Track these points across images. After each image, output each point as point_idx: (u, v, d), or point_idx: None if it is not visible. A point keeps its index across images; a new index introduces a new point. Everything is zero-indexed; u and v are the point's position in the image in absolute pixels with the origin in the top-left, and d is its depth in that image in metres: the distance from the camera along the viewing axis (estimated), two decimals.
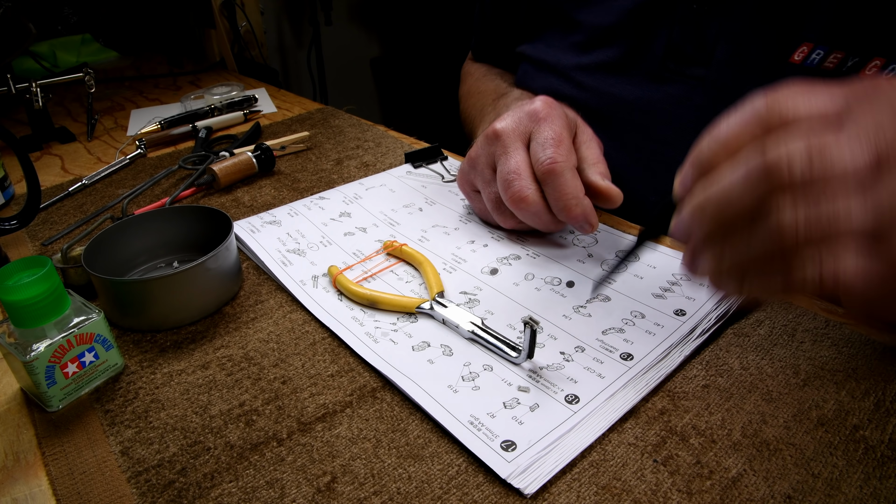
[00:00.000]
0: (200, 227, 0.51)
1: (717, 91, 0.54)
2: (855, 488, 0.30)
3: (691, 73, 0.54)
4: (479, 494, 0.31)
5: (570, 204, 0.45)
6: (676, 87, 0.56)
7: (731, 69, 0.52)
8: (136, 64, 1.28)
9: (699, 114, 0.54)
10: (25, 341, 0.36)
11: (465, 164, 0.53)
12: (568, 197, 0.45)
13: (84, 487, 0.33)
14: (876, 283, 0.26)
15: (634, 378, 0.37)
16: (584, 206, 0.46)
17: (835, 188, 0.26)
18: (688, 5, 0.53)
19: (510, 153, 0.48)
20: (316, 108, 0.93)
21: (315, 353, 0.42)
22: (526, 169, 0.47)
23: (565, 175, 0.45)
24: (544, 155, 0.46)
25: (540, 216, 0.47)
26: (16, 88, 0.82)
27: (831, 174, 0.26)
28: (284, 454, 0.34)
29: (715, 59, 0.53)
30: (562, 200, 0.45)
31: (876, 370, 0.38)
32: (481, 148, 0.50)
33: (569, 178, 0.45)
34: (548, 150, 0.46)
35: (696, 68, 0.54)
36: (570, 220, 0.46)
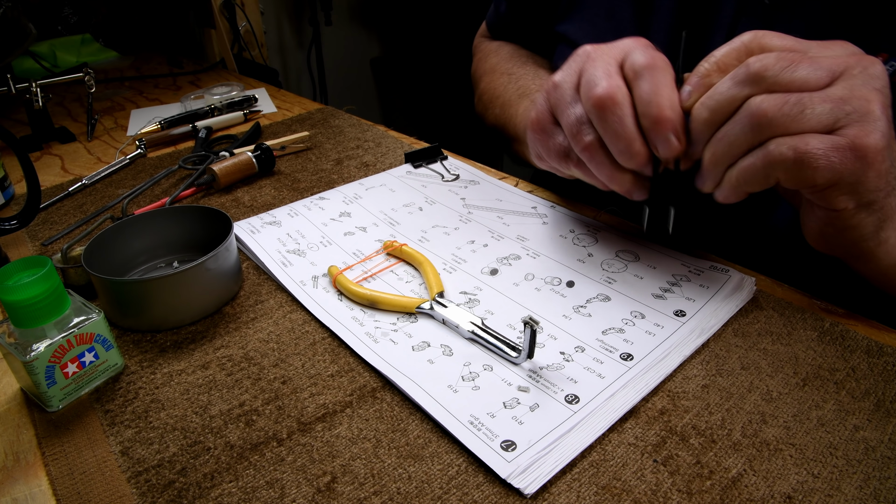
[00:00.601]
0: (200, 227, 0.51)
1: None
2: (855, 488, 0.30)
3: None
4: (479, 494, 0.31)
5: (663, 104, 0.38)
6: None
7: None
8: (136, 64, 1.28)
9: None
10: (25, 341, 0.36)
11: (544, 93, 0.45)
12: (663, 96, 0.38)
13: (84, 487, 0.33)
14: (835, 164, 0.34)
15: (634, 378, 0.37)
16: (677, 113, 0.38)
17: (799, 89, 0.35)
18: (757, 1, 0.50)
19: (599, 64, 0.41)
20: (316, 108, 0.93)
21: (315, 353, 0.42)
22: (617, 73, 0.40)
23: (665, 70, 0.39)
24: (643, 57, 0.39)
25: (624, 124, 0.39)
26: (16, 88, 0.82)
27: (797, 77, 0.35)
28: (284, 454, 0.34)
29: None
30: (654, 98, 0.38)
31: (876, 370, 0.38)
32: (566, 68, 0.43)
33: (668, 80, 0.39)
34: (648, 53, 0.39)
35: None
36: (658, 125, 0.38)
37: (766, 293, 0.45)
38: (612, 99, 0.39)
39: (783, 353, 0.39)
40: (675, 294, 0.44)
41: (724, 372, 0.38)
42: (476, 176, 0.65)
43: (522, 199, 0.59)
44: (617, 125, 0.39)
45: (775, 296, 0.45)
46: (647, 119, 0.38)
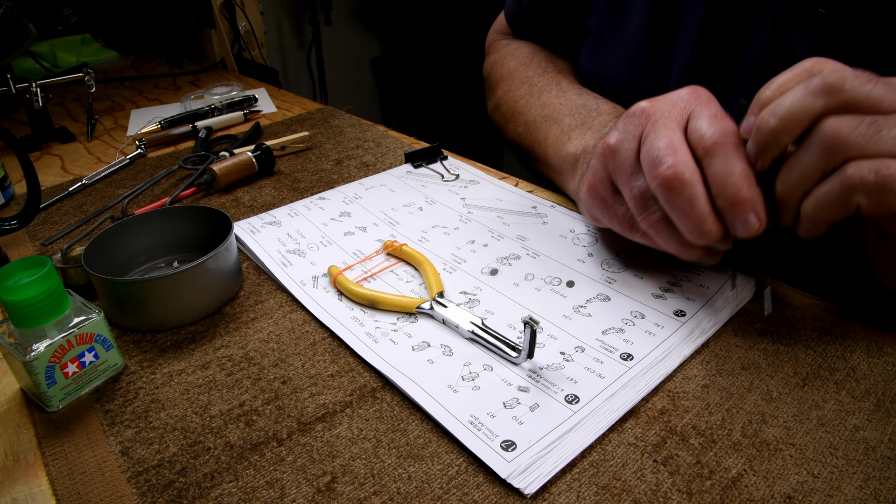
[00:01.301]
0: (200, 227, 0.51)
1: None
2: (855, 488, 0.30)
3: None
4: (479, 494, 0.31)
5: (740, 183, 0.35)
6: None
7: None
8: (136, 64, 1.28)
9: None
10: (25, 341, 0.36)
11: (598, 156, 0.42)
12: (738, 176, 0.35)
13: (84, 487, 0.33)
14: None
15: (634, 378, 0.37)
16: (755, 193, 0.36)
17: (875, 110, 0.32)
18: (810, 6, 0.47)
19: (661, 130, 0.38)
20: (316, 108, 0.93)
21: (315, 353, 0.42)
22: (683, 145, 0.37)
23: (739, 151, 0.36)
24: (712, 128, 0.36)
25: (695, 203, 0.36)
26: (16, 88, 0.82)
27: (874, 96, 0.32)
28: (284, 454, 0.34)
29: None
30: (730, 178, 0.35)
31: (876, 370, 0.38)
32: (624, 130, 0.40)
33: (740, 153, 0.36)
34: (717, 124, 0.37)
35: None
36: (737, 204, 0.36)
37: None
38: (680, 179, 0.36)
39: (783, 353, 0.39)
40: (675, 294, 0.44)
41: (724, 372, 0.38)
42: (476, 176, 0.65)
43: (522, 199, 0.59)
44: (686, 207, 0.36)
45: (776, 295, 0.45)
46: (724, 200, 0.36)
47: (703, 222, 0.36)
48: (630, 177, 0.40)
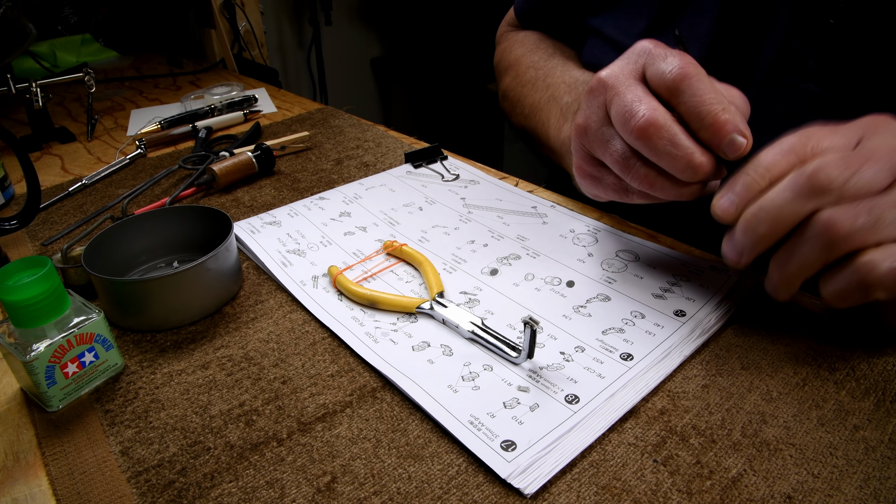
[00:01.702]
0: (200, 227, 0.51)
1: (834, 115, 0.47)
2: (855, 488, 0.30)
3: (806, 88, 0.49)
4: (479, 494, 0.31)
5: (716, 109, 0.35)
6: (787, 102, 0.50)
7: (856, 94, 0.47)
8: (136, 64, 1.28)
9: None
10: (25, 341, 0.36)
11: (574, 138, 0.43)
12: (711, 102, 0.35)
13: (84, 487, 0.33)
14: None
15: (634, 378, 0.37)
16: (732, 113, 0.36)
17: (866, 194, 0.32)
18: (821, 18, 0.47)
19: (622, 91, 0.38)
20: (316, 108, 0.93)
21: (315, 353, 0.42)
22: (648, 95, 0.37)
23: (702, 78, 0.36)
24: (669, 66, 0.36)
25: (677, 142, 0.36)
26: (16, 88, 0.82)
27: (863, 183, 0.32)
28: (284, 454, 0.34)
29: (840, 80, 0.47)
30: (705, 106, 0.35)
31: (876, 370, 0.38)
32: (587, 106, 0.41)
33: (706, 81, 0.36)
34: (672, 61, 0.37)
35: (814, 85, 0.48)
36: (718, 129, 0.36)
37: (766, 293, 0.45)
38: (655, 124, 0.36)
39: (783, 353, 0.39)
40: (675, 294, 0.44)
41: (724, 372, 0.38)
42: (476, 176, 0.65)
43: (522, 199, 0.59)
44: (670, 147, 0.36)
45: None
46: (705, 131, 0.36)
47: (691, 157, 0.36)
48: (606, 144, 0.40)
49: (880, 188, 0.32)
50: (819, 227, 0.32)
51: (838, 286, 0.33)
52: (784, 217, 0.33)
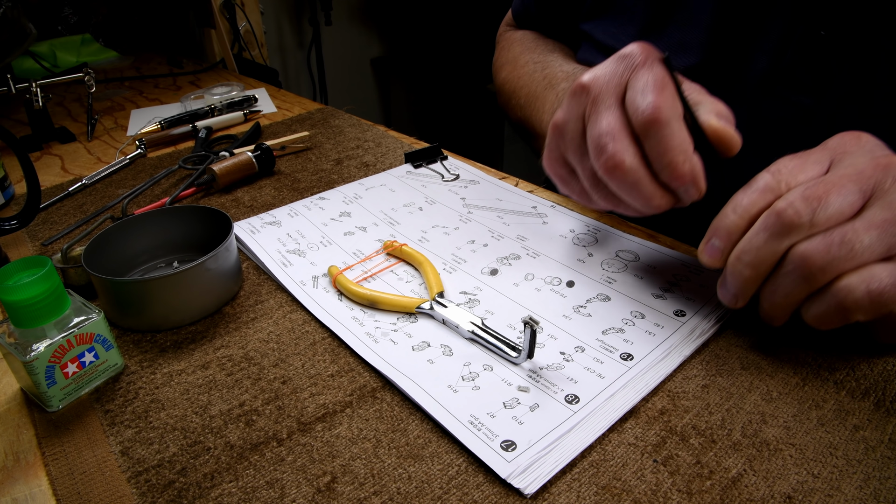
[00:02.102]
0: (200, 227, 0.51)
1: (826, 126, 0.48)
2: (855, 488, 0.30)
3: (798, 100, 0.49)
4: (479, 494, 0.31)
5: (677, 160, 0.37)
6: (779, 114, 0.51)
7: (847, 106, 0.47)
8: (136, 64, 1.28)
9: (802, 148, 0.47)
10: (25, 341, 0.36)
11: (550, 134, 0.43)
12: (674, 151, 0.37)
13: (84, 487, 0.33)
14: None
15: (634, 378, 0.37)
16: (693, 164, 0.37)
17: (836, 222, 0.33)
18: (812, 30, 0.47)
19: (601, 111, 0.39)
20: (316, 108, 0.93)
21: (315, 353, 0.42)
22: (622, 128, 0.39)
23: (671, 125, 0.37)
24: (644, 101, 0.37)
25: (640, 186, 0.39)
26: (16, 88, 0.82)
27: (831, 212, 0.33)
28: (284, 454, 0.34)
29: (831, 92, 0.48)
30: (667, 155, 0.37)
31: (876, 370, 0.38)
32: (568, 109, 0.42)
33: (675, 128, 0.37)
34: (648, 97, 0.38)
35: (806, 97, 0.49)
36: (676, 179, 0.38)
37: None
38: (622, 168, 0.38)
39: (783, 353, 0.39)
40: (675, 294, 0.44)
41: (724, 372, 0.38)
42: (476, 176, 0.65)
43: (522, 199, 0.59)
44: (631, 189, 0.39)
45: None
46: (665, 176, 0.38)
47: (650, 199, 0.39)
48: (581, 157, 0.42)
49: (851, 213, 0.33)
50: (796, 262, 0.34)
51: (818, 311, 0.34)
52: (763, 258, 0.35)
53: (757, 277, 0.36)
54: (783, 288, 0.35)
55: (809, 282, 0.34)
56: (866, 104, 0.47)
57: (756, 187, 0.36)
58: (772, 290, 0.36)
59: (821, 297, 0.34)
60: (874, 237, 0.32)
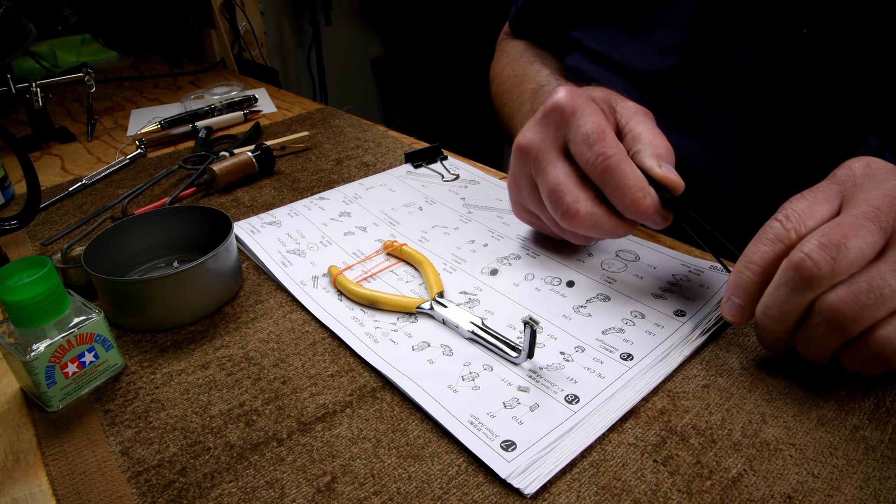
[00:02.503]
0: (200, 227, 0.51)
1: (812, 125, 0.49)
2: (855, 488, 0.30)
3: (783, 99, 0.50)
4: (479, 494, 0.31)
5: (637, 197, 0.39)
6: (764, 113, 0.51)
7: (831, 103, 0.48)
8: (136, 64, 1.28)
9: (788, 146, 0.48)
10: (25, 341, 0.36)
11: (509, 186, 0.47)
12: (633, 190, 0.39)
13: (84, 487, 0.33)
14: None
15: (634, 378, 0.37)
16: (653, 197, 0.40)
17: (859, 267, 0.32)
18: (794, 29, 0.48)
19: (545, 169, 0.42)
20: (316, 108, 0.93)
21: (315, 353, 0.42)
22: (567, 180, 0.41)
23: (622, 168, 0.39)
24: (592, 154, 0.40)
25: (601, 226, 0.41)
26: (16, 88, 0.82)
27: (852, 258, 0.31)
28: (284, 454, 0.34)
29: (816, 90, 0.48)
30: (626, 196, 0.39)
31: None
32: (516, 168, 0.45)
33: (627, 169, 0.39)
34: (595, 147, 0.40)
35: (791, 95, 0.49)
36: (640, 216, 0.40)
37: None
38: (579, 216, 0.41)
39: (783, 352, 0.39)
40: (675, 294, 0.44)
41: (724, 372, 0.38)
42: (476, 176, 0.65)
43: None
44: (595, 230, 0.42)
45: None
46: (630, 214, 0.40)
47: (614, 231, 0.42)
48: (541, 209, 0.45)
49: (873, 255, 0.32)
50: (825, 314, 0.32)
51: (858, 361, 0.33)
52: (789, 312, 0.34)
53: (787, 330, 0.35)
54: (816, 339, 0.34)
55: (842, 333, 0.32)
56: (851, 101, 0.47)
57: (766, 237, 0.35)
58: (805, 342, 0.35)
59: (858, 348, 0.33)
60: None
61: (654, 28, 0.57)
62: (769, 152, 0.51)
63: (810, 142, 0.49)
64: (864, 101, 0.46)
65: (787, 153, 0.50)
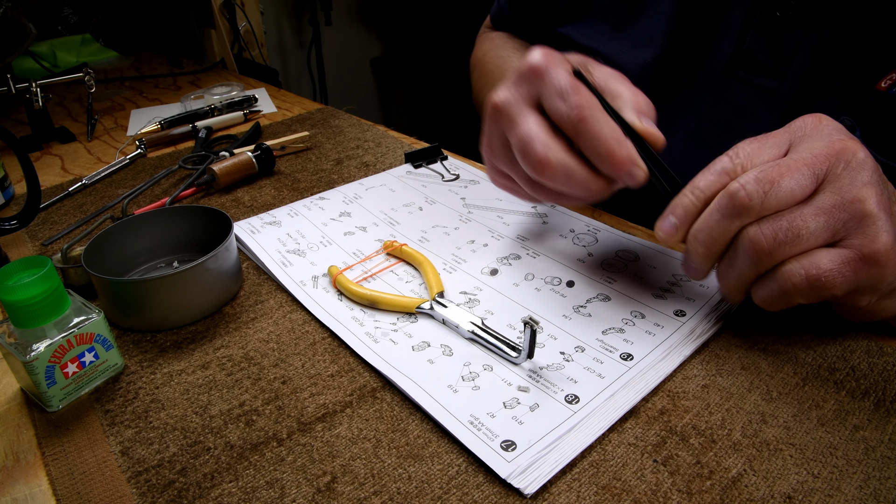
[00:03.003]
0: (200, 227, 0.51)
1: (788, 107, 0.50)
2: (855, 488, 0.30)
3: (760, 83, 0.51)
4: (479, 494, 0.31)
5: (612, 147, 0.37)
6: (743, 97, 0.52)
7: (807, 85, 0.49)
8: (136, 64, 1.28)
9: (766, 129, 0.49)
10: (25, 341, 0.36)
11: (483, 149, 0.45)
12: (608, 141, 0.37)
13: (84, 487, 0.33)
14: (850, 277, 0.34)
15: (634, 378, 0.37)
16: (628, 148, 0.38)
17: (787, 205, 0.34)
18: (768, 11, 0.49)
19: (517, 121, 0.40)
20: (316, 108, 0.93)
21: (315, 353, 0.42)
22: (539, 129, 0.39)
23: (596, 118, 0.38)
24: (566, 105, 0.38)
25: (574, 176, 0.39)
26: (16, 88, 0.82)
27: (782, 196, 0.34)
28: (284, 454, 0.34)
29: (790, 72, 0.49)
30: (601, 146, 0.37)
31: (876, 370, 0.38)
32: (489, 129, 0.43)
33: (601, 120, 0.38)
34: (569, 100, 0.38)
35: (767, 79, 0.51)
36: (616, 166, 0.38)
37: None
38: (549, 164, 0.39)
39: (783, 353, 0.39)
40: (675, 294, 0.44)
41: (724, 372, 0.38)
42: (476, 176, 0.65)
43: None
44: (567, 182, 0.39)
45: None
46: (605, 167, 0.38)
47: (586, 186, 0.39)
48: (513, 166, 0.43)
49: (802, 197, 0.34)
50: (745, 245, 0.35)
51: (763, 293, 0.36)
52: (716, 237, 0.36)
53: (711, 255, 0.37)
54: (735, 269, 0.36)
55: (757, 265, 0.35)
56: (826, 83, 0.48)
57: (714, 169, 0.37)
58: (725, 271, 0.37)
59: (766, 281, 0.36)
60: (821, 223, 0.34)
61: (639, 19, 0.58)
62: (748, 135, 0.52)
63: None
64: (837, 81, 0.47)
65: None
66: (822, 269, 0.34)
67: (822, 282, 0.34)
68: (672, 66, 0.56)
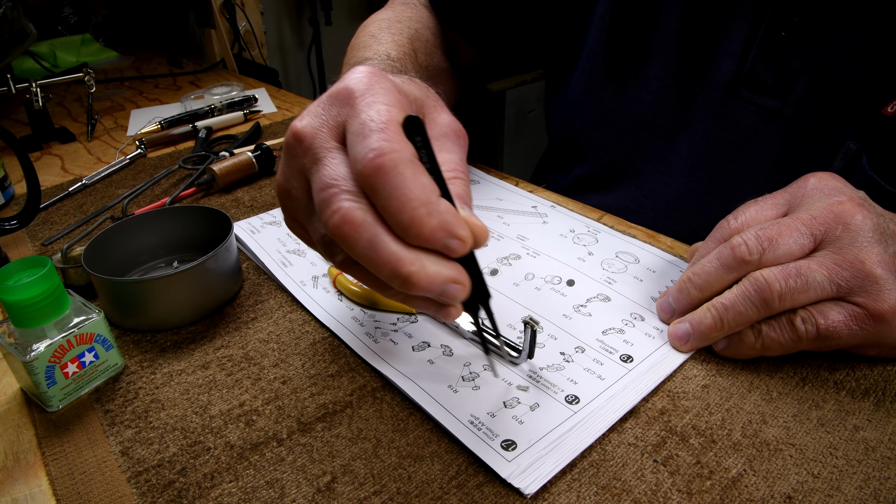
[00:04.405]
0: (200, 227, 0.51)
1: (793, 130, 0.49)
2: (855, 488, 0.30)
3: (763, 103, 0.50)
4: (479, 494, 0.31)
5: (418, 214, 0.26)
6: (745, 117, 0.52)
7: (812, 108, 0.48)
8: (136, 64, 1.28)
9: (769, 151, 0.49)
10: (25, 341, 0.36)
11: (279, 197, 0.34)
12: (413, 204, 0.26)
13: (84, 487, 0.33)
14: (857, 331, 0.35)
15: (634, 380, 0.37)
16: (441, 215, 0.27)
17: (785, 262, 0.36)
18: (772, 30, 0.48)
19: (321, 160, 0.30)
20: None
21: (315, 353, 0.42)
22: (348, 176, 0.29)
23: (401, 171, 0.27)
24: (364, 147, 0.27)
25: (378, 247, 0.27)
26: (16, 88, 0.82)
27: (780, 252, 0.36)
28: (284, 454, 0.34)
29: (794, 94, 0.49)
30: (404, 212, 0.27)
31: (876, 370, 0.38)
32: (286, 166, 0.32)
33: (408, 174, 0.27)
34: (369, 140, 0.27)
35: (771, 99, 0.50)
36: (424, 239, 0.27)
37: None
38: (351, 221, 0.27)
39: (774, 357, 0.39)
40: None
41: (724, 372, 0.38)
42: (476, 176, 0.65)
43: (522, 199, 0.59)
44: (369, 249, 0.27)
45: None
46: (411, 237, 0.27)
47: (397, 265, 0.27)
48: (310, 218, 0.32)
49: (801, 255, 0.36)
50: (755, 285, 0.36)
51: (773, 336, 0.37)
52: (711, 284, 0.38)
53: (699, 300, 0.39)
54: (739, 310, 0.37)
55: (765, 307, 0.36)
56: (831, 105, 0.47)
57: (715, 237, 0.41)
58: (725, 308, 0.37)
59: (774, 325, 0.36)
60: (825, 276, 0.35)
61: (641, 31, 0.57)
62: (750, 156, 0.52)
63: (791, 146, 0.50)
64: (843, 105, 0.47)
65: (768, 157, 0.51)
66: (831, 320, 0.35)
67: (830, 332, 0.35)
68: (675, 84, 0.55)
